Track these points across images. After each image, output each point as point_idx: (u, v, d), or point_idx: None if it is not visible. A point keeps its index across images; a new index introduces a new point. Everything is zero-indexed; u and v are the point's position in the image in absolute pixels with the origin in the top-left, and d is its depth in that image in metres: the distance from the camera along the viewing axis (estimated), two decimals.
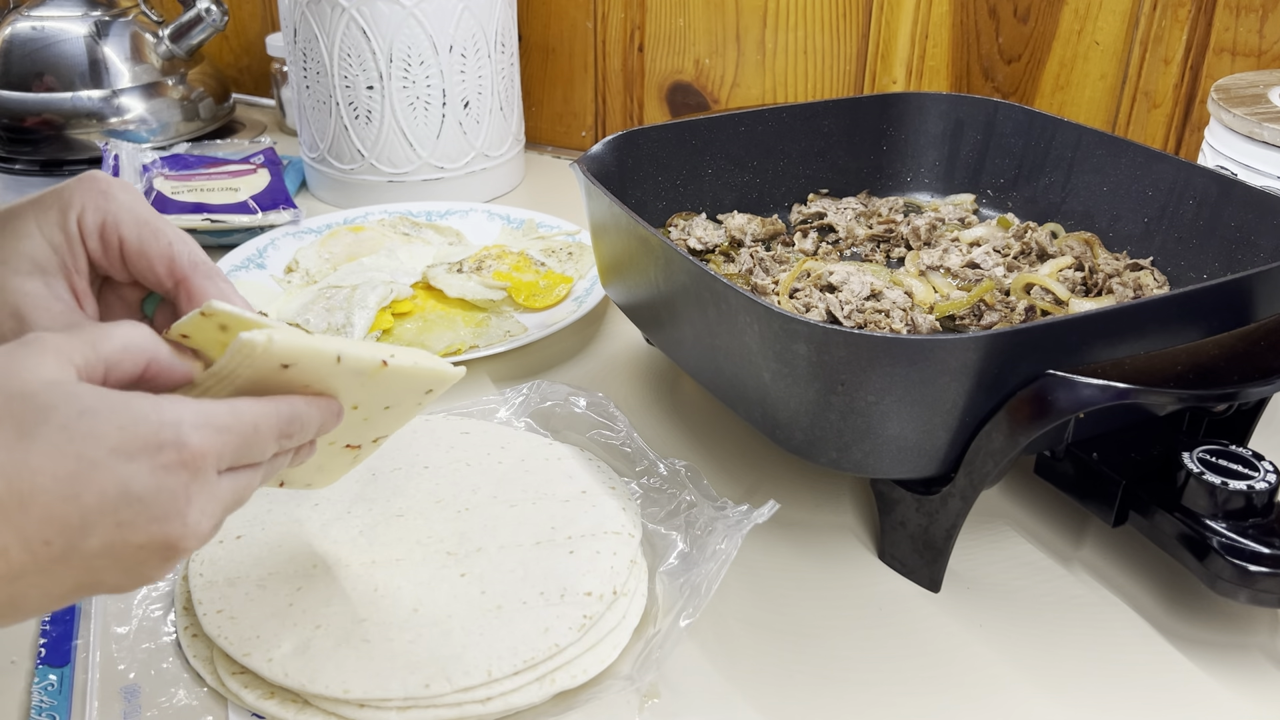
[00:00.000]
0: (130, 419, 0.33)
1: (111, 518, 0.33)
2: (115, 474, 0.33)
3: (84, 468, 0.32)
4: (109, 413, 0.33)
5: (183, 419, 0.34)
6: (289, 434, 0.39)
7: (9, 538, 0.32)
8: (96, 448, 0.32)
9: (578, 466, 0.59)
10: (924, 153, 0.84)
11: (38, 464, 0.32)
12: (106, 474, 0.33)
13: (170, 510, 0.34)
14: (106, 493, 0.33)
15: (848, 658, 0.51)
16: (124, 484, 0.33)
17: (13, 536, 0.32)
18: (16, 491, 0.32)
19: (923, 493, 0.53)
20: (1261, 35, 0.87)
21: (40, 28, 1.10)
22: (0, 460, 0.32)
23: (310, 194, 1.08)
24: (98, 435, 0.33)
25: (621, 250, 0.64)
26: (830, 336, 0.48)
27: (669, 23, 1.10)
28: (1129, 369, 0.48)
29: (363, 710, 0.45)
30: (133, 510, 0.33)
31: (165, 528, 0.34)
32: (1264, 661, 0.51)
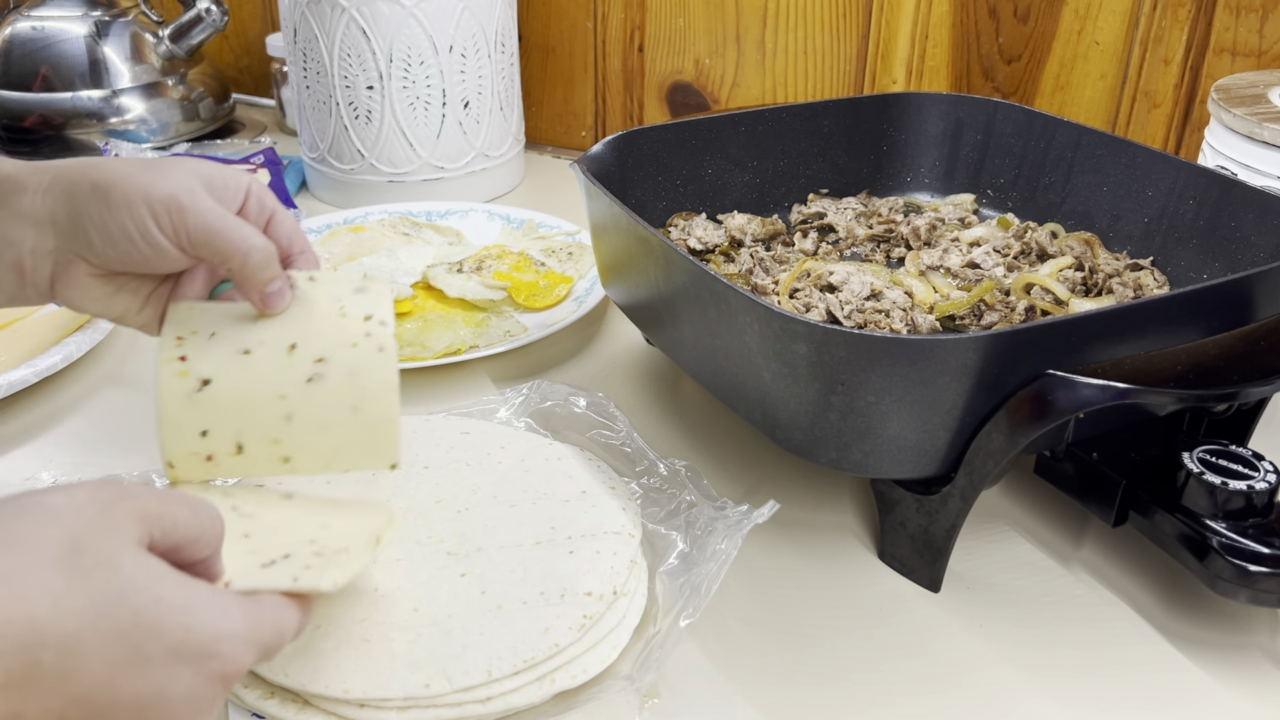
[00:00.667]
0: (196, 621, 0.33)
1: (137, 712, 0.32)
2: (160, 675, 0.32)
3: (136, 659, 0.32)
4: (180, 610, 0.33)
5: (239, 633, 0.34)
6: (298, 633, 0.40)
7: (33, 706, 0.31)
8: (156, 644, 0.32)
9: (578, 466, 0.59)
10: (924, 153, 0.84)
11: (96, 645, 0.31)
12: (153, 673, 0.32)
13: (192, 715, 0.33)
14: (144, 691, 0.32)
15: (848, 658, 0.51)
16: (164, 686, 0.32)
17: (36, 705, 0.31)
18: (62, 667, 0.31)
19: (923, 493, 0.53)
20: (1261, 35, 0.87)
21: (40, 28, 1.10)
22: (66, 629, 0.31)
23: (310, 194, 1.08)
24: (162, 632, 0.32)
25: (621, 250, 0.64)
26: (830, 336, 0.48)
27: (669, 23, 1.10)
28: (1129, 369, 0.48)
29: (363, 710, 0.45)
30: (158, 710, 0.33)
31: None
32: (1264, 661, 0.51)
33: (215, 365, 0.45)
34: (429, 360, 0.74)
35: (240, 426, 0.45)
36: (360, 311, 0.48)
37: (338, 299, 0.48)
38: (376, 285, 0.50)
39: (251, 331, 0.47)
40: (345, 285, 0.49)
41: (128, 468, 0.62)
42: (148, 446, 0.66)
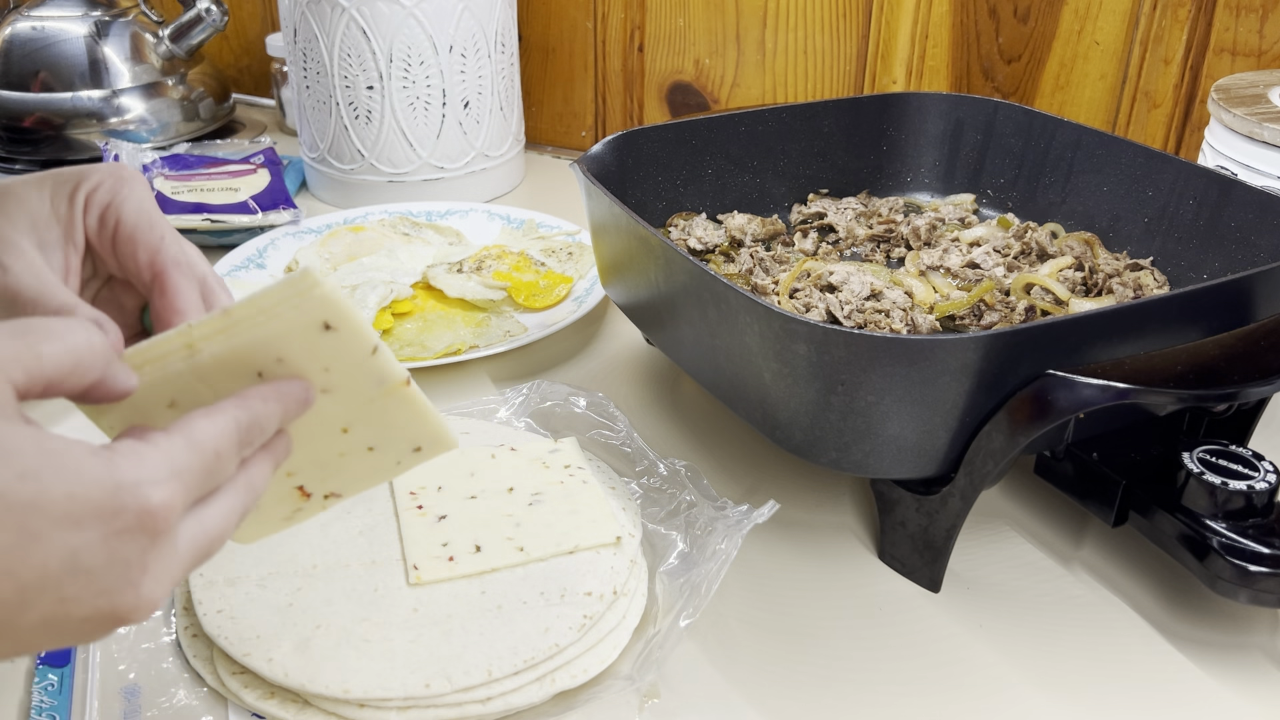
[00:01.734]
0: (81, 483, 0.29)
1: (54, 594, 0.29)
2: (60, 547, 0.29)
3: (24, 540, 0.28)
4: (55, 476, 0.29)
5: (141, 477, 0.30)
6: (249, 441, 0.35)
7: None
8: (40, 518, 0.28)
9: (577, 466, 0.59)
10: (924, 153, 0.84)
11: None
12: (51, 547, 0.29)
13: (122, 582, 0.30)
14: (49, 568, 0.29)
15: (848, 658, 0.51)
16: (70, 558, 0.29)
17: None
18: None
19: (923, 493, 0.53)
20: (1261, 35, 0.87)
21: (40, 28, 1.10)
22: None
23: (310, 194, 1.08)
24: (41, 503, 0.28)
25: (621, 250, 0.64)
26: (830, 336, 0.48)
27: (669, 23, 1.10)
28: (1129, 369, 0.48)
29: (363, 710, 0.45)
30: (79, 585, 0.29)
31: (114, 600, 0.30)
32: (1264, 661, 0.51)
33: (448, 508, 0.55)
34: (429, 360, 0.74)
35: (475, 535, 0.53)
36: (559, 462, 0.59)
37: (538, 457, 0.60)
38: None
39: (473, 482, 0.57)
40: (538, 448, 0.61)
41: None
42: None
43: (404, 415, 0.39)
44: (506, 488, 0.57)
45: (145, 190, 0.43)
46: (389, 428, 0.39)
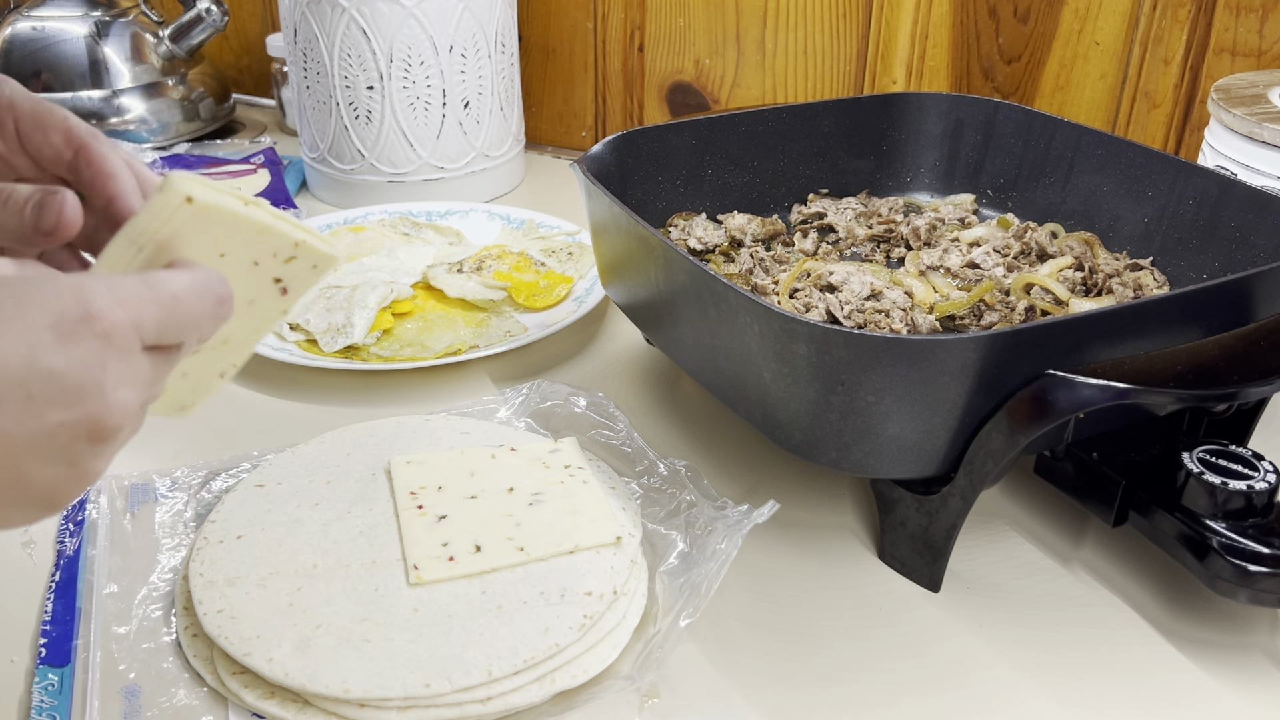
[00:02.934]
0: (24, 290, 0.31)
1: (20, 389, 0.30)
2: (17, 343, 0.30)
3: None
4: (5, 287, 0.31)
5: (84, 284, 0.32)
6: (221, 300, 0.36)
7: None
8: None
9: (577, 466, 0.59)
10: (924, 153, 0.84)
11: None
12: (6, 342, 0.30)
13: (86, 380, 0.31)
14: (9, 364, 0.30)
15: (848, 658, 0.51)
16: (29, 354, 0.30)
17: None
18: None
19: (923, 493, 0.53)
20: (1261, 35, 0.87)
21: (40, 28, 1.10)
22: None
23: (310, 194, 1.08)
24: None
25: (621, 250, 0.64)
26: (830, 336, 0.48)
27: (669, 23, 1.10)
28: (1129, 369, 0.48)
29: (363, 710, 0.45)
30: (44, 382, 0.31)
31: (84, 401, 0.31)
32: (1264, 661, 0.51)
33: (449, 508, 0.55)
34: (429, 360, 0.74)
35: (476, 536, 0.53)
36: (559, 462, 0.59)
37: (539, 457, 0.59)
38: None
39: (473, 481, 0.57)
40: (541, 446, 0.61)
41: (128, 467, 0.62)
42: (148, 446, 0.66)
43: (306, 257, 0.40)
44: (507, 488, 0.57)
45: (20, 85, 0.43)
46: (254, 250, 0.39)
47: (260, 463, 0.62)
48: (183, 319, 0.35)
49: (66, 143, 0.41)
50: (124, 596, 0.53)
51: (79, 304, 0.31)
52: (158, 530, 0.57)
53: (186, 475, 0.61)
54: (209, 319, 0.36)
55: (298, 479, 0.58)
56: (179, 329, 0.35)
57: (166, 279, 0.34)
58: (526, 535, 0.53)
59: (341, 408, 0.72)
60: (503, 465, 0.59)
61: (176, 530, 0.57)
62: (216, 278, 0.36)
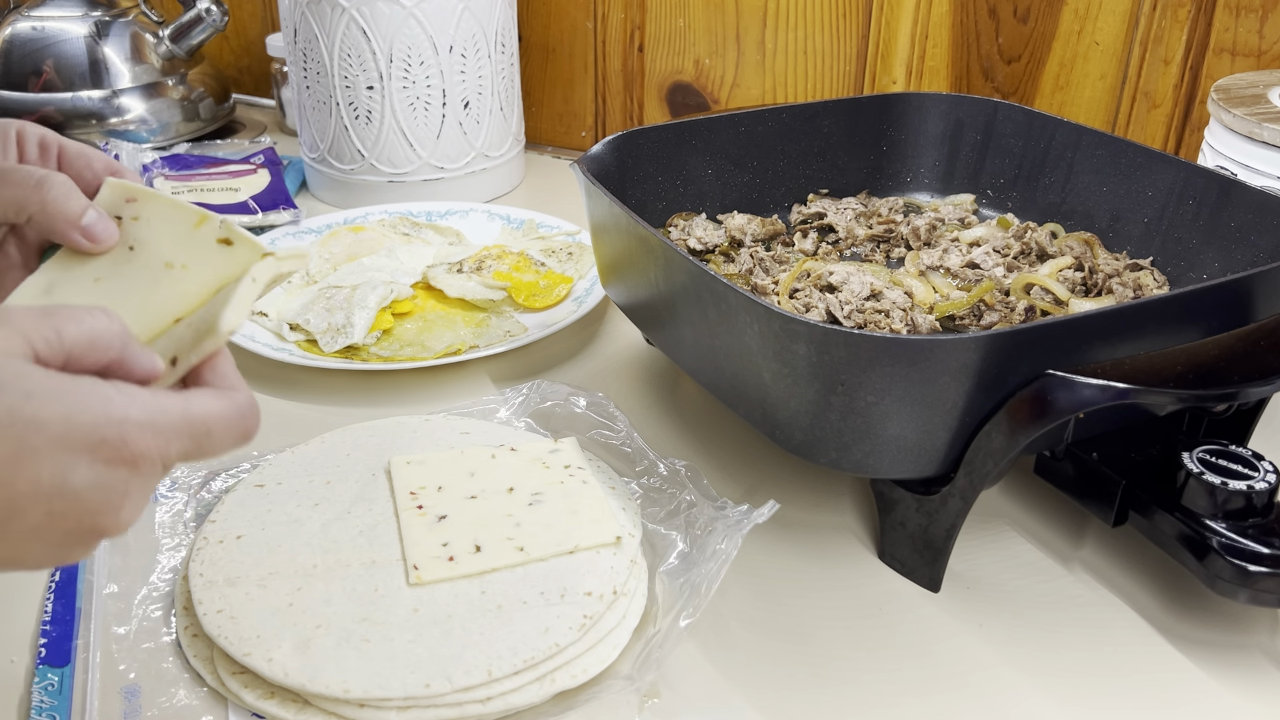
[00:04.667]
0: (76, 409, 0.32)
1: (44, 506, 0.32)
2: (54, 465, 0.32)
3: (23, 453, 0.32)
4: (55, 400, 0.32)
5: (129, 416, 0.33)
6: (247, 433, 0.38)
7: None
8: (38, 435, 0.32)
9: (577, 466, 0.59)
10: (924, 153, 0.84)
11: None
12: (45, 463, 0.32)
13: (105, 505, 0.33)
14: (42, 482, 0.32)
15: (848, 658, 0.51)
16: (61, 476, 0.32)
17: None
18: None
19: (923, 493, 0.53)
20: (1261, 35, 0.87)
21: (40, 28, 1.10)
22: None
23: (310, 194, 1.08)
24: (41, 422, 0.32)
25: (621, 250, 0.64)
26: (830, 336, 0.48)
27: (669, 23, 1.10)
28: (1129, 369, 0.48)
29: (363, 710, 0.45)
30: (66, 502, 0.33)
31: (97, 519, 0.34)
32: (1264, 661, 0.51)
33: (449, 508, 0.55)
34: (429, 360, 0.74)
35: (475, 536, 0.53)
36: (559, 462, 0.59)
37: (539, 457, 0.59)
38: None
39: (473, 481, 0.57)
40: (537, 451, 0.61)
41: None
42: None
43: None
44: (506, 488, 0.57)
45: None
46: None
47: (260, 463, 0.62)
48: (207, 450, 0.36)
49: (106, 170, 0.46)
50: (124, 596, 0.53)
51: (119, 437, 0.33)
52: (158, 530, 0.57)
53: (186, 475, 0.61)
54: (231, 447, 0.37)
55: (297, 479, 0.58)
56: (201, 457, 0.37)
57: (204, 410, 0.36)
58: (526, 535, 0.53)
59: (341, 408, 0.72)
60: (503, 465, 0.59)
61: (176, 530, 0.57)
62: (250, 409, 0.38)
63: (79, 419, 0.32)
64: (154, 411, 0.34)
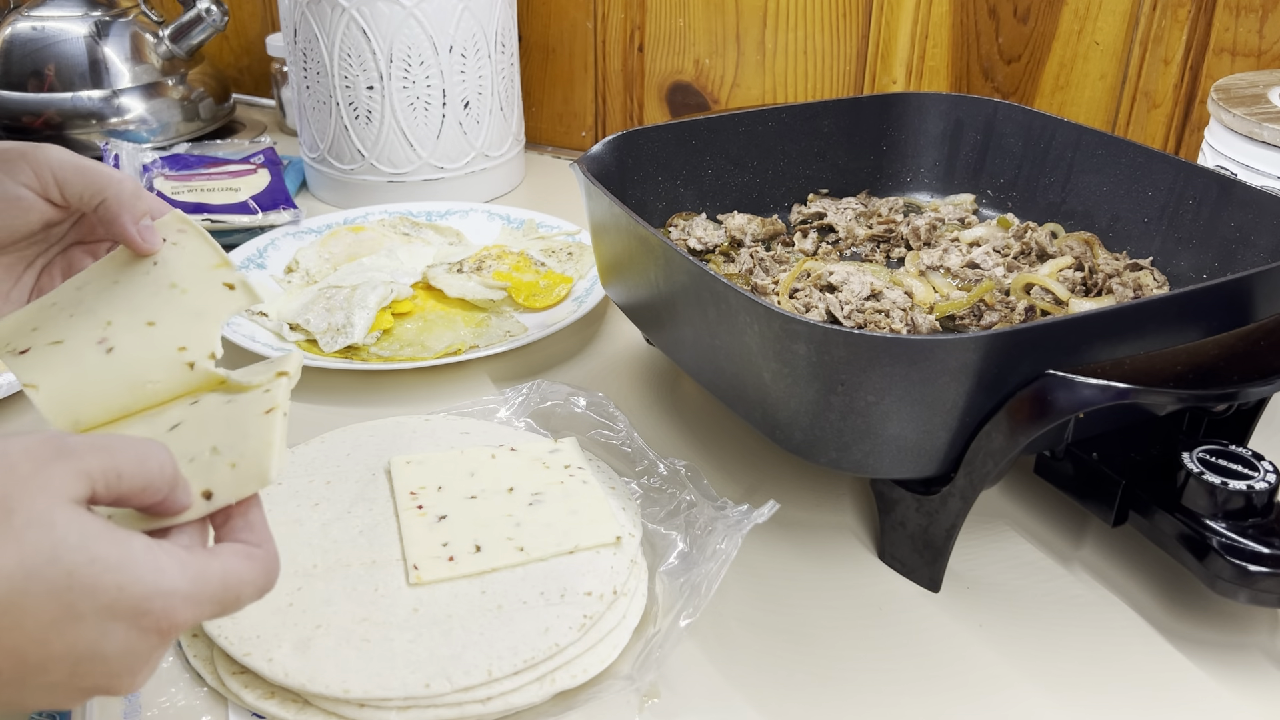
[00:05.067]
0: (131, 579, 0.32)
1: (71, 667, 0.32)
2: (94, 631, 0.32)
3: (69, 618, 0.31)
4: (115, 567, 0.32)
5: (176, 590, 0.33)
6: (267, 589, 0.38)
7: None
8: (89, 603, 0.31)
9: (577, 466, 0.59)
10: (924, 153, 0.84)
11: (28, 606, 0.31)
12: (86, 629, 0.32)
13: (125, 669, 0.33)
14: (77, 647, 0.32)
15: (848, 658, 0.51)
16: (97, 643, 0.32)
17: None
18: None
19: (923, 493, 0.53)
20: (1261, 35, 0.87)
21: (40, 28, 1.10)
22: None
23: (310, 194, 1.08)
24: (96, 590, 0.31)
25: (621, 250, 0.64)
26: (830, 336, 0.48)
27: (669, 23, 1.10)
28: (1129, 369, 0.48)
29: (363, 710, 0.45)
30: (92, 664, 0.32)
31: (113, 682, 0.34)
32: (1264, 661, 0.51)
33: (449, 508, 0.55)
34: (429, 360, 0.74)
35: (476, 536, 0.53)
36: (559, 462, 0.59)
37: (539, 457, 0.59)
38: None
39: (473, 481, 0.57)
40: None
41: None
42: None
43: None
44: (507, 488, 0.57)
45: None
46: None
47: None
48: (230, 610, 0.36)
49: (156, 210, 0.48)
50: None
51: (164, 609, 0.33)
52: None
53: None
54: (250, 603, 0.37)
55: (297, 479, 0.58)
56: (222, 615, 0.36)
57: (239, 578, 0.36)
58: (526, 535, 0.53)
59: (341, 408, 0.72)
60: (503, 465, 0.59)
61: None
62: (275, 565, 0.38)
63: (131, 590, 0.32)
64: (198, 583, 0.34)
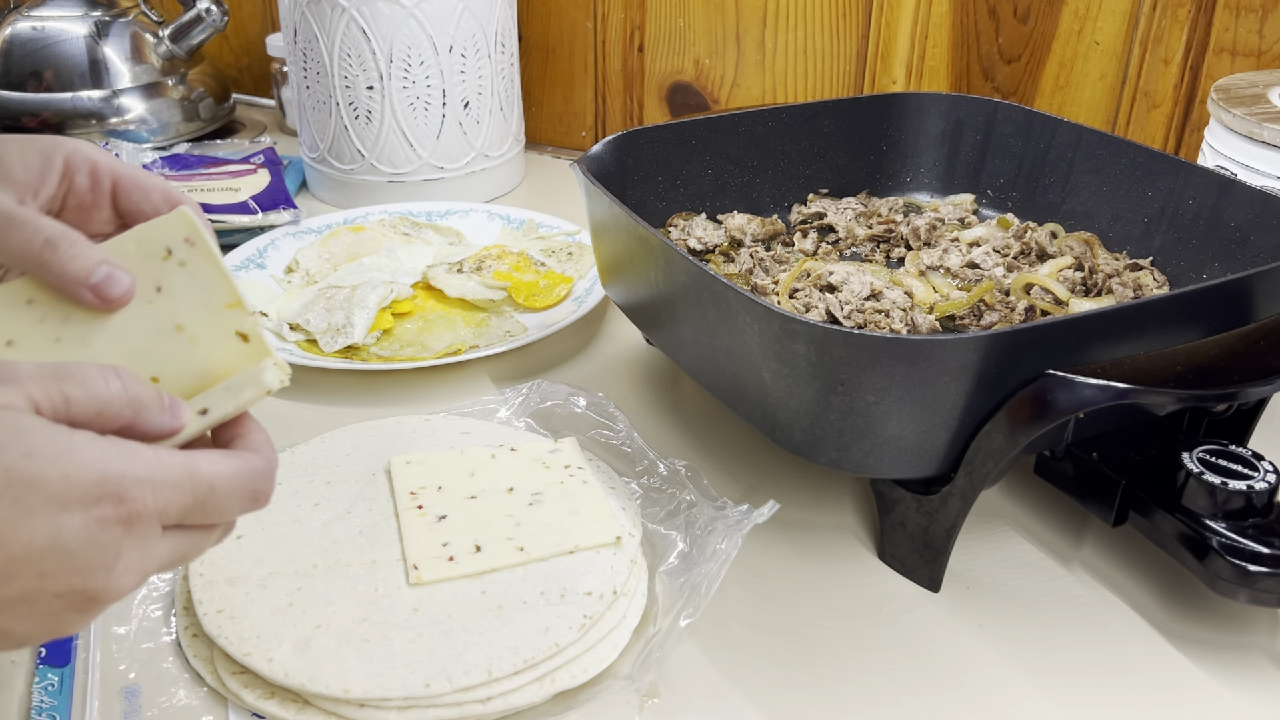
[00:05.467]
0: (75, 467, 0.31)
1: (35, 567, 0.32)
2: (48, 524, 0.31)
3: (18, 514, 0.31)
4: (54, 458, 0.31)
5: (127, 472, 0.32)
6: (257, 495, 0.37)
7: None
8: (35, 495, 0.31)
9: (577, 466, 0.59)
10: (924, 153, 0.84)
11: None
12: (39, 523, 0.31)
13: (96, 564, 0.32)
14: (35, 542, 0.31)
15: (848, 658, 0.51)
16: (55, 535, 0.31)
17: None
18: None
19: (923, 493, 0.53)
20: (1261, 35, 0.87)
21: (40, 28, 1.10)
22: None
23: (310, 194, 1.08)
24: (39, 482, 0.31)
25: (621, 250, 0.64)
26: (830, 336, 0.48)
27: (669, 23, 1.10)
28: (1129, 369, 0.48)
29: (363, 710, 0.45)
30: (58, 561, 0.32)
31: (87, 580, 0.33)
32: (1264, 661, 0.51)
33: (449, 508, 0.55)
34: (429, 360, 0.74)
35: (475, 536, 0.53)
36: (559, 462, 0.59)
37: (539, 457, 0.59)
38: None
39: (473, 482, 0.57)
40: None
41: None
42: None
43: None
44: (507, 488, 0.57)
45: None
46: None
47: None
48: (211, 509, 0.35)
49: (165, 200, 0.43)
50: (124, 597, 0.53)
51: (116, 493, 0.32)
52: None
53: None
54: (239, 509, 0.36)
55: (297, 479, 0.58)
56: (205, 517, 0.35)
57: (211, 469, 0.35)
58: (526, 535, 0.53)
59: (341, 408, 0.72)
60: (503, 465, 0.59)
61: None
62: (263, 471, 0.37)
63: (78, 476, 0.32)
64: (154, 468, 0.33)
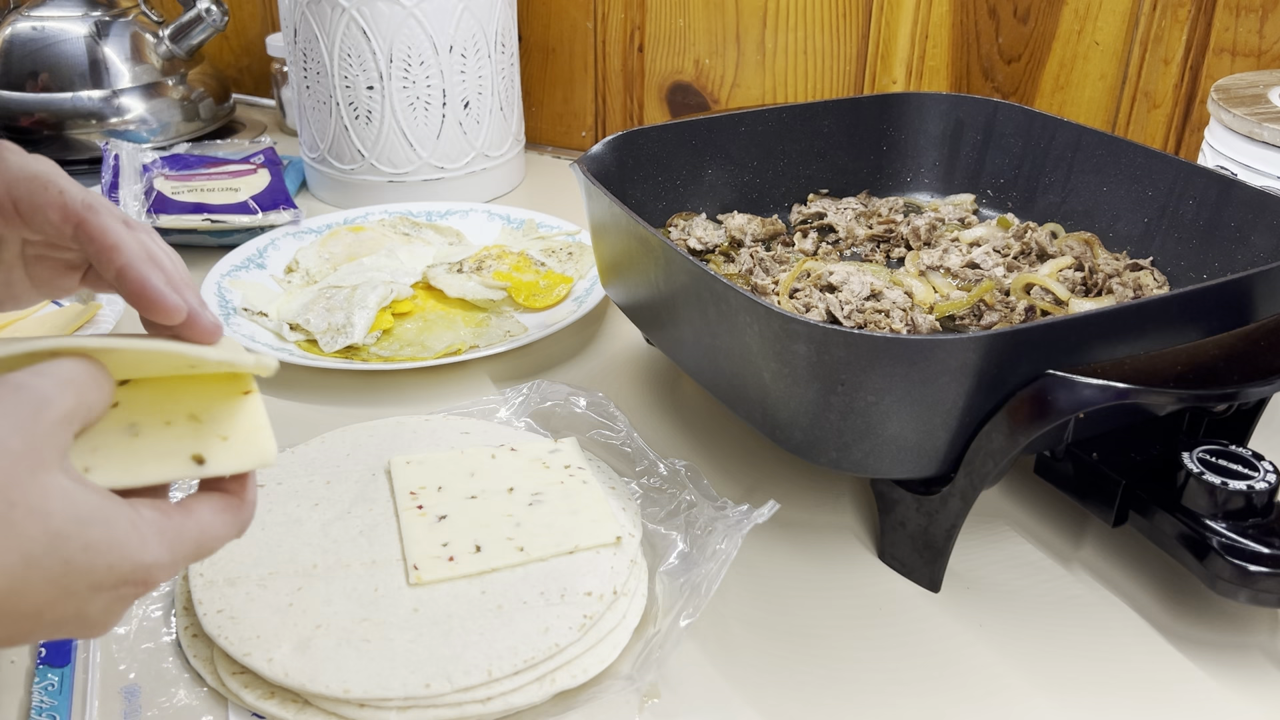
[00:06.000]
0: (118, 559, 0.34)
1: (52, 630, 0.34)
2: (81, 603, 0.34)
3: (60, 596, 0.33)
4: (105, 551, 0.33)
5: (157, 562, 0.35)
6: (241, 530, 0.40)
7: None
8: (81, 583, 0.33)
9: (577, 466, 0.59)
10: (924, 153, 0.84)
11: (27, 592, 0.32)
12: (75, 602, 0.34)
13: (103, 624, 0.35)
14: (65, 616, 0.34)
15: (848, 658, 0.51)
16: (82, 609, 0.34)
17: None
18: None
19: (923, 493, 0.53)
20: (1261, 35, 0.87)
21: (40, 28, 1.10)
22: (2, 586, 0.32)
23: (310, 194, 1.08)
24: (88, 573, 0.33)
25: (621, 250, 0.64)
26: (830, 336, 0.48)
27: (669, 23, 1.10)
28: (1129, 369, 0.48)
29: (363, 710, 0.45)
30: (75, 625, 0.34)
31: (89, 633, 0.35)
32: (1264, 661, 0.51)
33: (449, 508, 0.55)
34: (429, 360, 0.74)
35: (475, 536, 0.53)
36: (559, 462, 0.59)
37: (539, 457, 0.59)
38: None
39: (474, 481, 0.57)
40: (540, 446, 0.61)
41: None
42: None
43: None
44: (507, 488, 0.57)
45: (17, 154, 0.42)
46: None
47: None
48: (204, 551, 0.38)
49: (64, 219, 0.40)
50: None
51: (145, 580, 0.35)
52: None
53: None
54: (222, 544, 0.39)
55: (297, 479, 0.58)
56: (197, 558, 0.38)
57: (213, 534, 0.38)
58: (526, 535, 0.53)
59: (341, 408, 0.72)
60: (503, 465, 0.59)
61: None
62: (249, 515, 0.40)
63: (119, 567, 0.34)
64: (175, 549, 0.36)
